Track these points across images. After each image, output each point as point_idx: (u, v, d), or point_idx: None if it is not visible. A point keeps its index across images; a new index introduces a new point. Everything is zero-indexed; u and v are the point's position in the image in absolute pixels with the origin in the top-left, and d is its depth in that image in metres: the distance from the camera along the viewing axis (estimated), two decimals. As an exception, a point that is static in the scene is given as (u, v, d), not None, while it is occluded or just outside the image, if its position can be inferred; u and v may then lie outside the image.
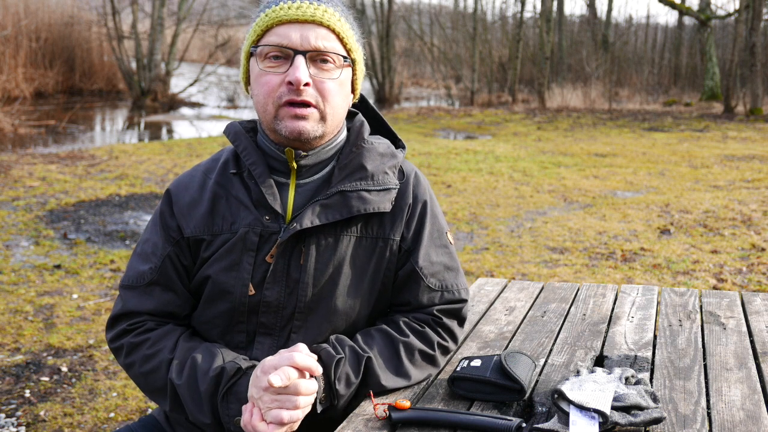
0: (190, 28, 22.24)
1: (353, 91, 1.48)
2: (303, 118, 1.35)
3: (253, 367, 1.34)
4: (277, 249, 1.39)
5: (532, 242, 5.82)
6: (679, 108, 20.50)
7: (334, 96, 1.38)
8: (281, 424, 1.24)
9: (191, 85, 20.19)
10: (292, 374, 1.24)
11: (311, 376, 1.28)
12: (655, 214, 6.89)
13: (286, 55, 1.35)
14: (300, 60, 1.34)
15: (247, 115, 17.64)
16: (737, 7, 21.31)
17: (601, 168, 9.69)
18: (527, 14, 29.65)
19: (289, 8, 1.35)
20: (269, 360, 1.28)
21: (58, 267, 4.92)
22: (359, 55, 1.45)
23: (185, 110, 18.14)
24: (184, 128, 14.75)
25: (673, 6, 22.29)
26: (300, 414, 1.25)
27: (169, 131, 14.27)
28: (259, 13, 1.40)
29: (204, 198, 1.45)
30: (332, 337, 1.41)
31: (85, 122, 14.64)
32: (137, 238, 5.74)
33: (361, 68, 1.47)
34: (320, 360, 1.33)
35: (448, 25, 27.98)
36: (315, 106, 1.36)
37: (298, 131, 1.36)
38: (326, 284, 1.42)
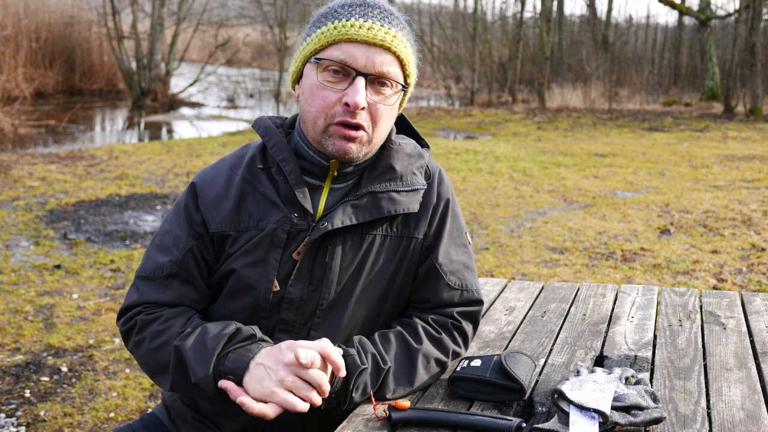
0: (190, 28, 22.24)
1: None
2: (352, 140, 1.36)
3: (265, 340, 1.34)
4: (305, 247, 1.39)
5: (532, 242, 5.82)
6: (679, 108, 20.50)
7: (384, 121, 1.39)
8: (290, 408, 1.23)
9: (191, 85, 20.19)
10: (317, 360, 1.24)
11: (331, 375, 1.28)
12: (655, 214, 6.90)
13: (346, 72, 1.34)
14: (361, 82, 1.33)
15: (248, 115, 17.64)
16: (737, 7, 21.31)
17: (601, 168, 9.69)
18: (527, 14, 29.66)
19: (360, 27, 1.33)
20: (300, 341, 1.29)
21: (58, 267, 4.92)
22: (414, 79, 1.45)
23: (185, 110, 18.14)
24: (184, 128, 14.75)
25: (673, 6, 22.29)
26: (306, 407, 1.25)
27: (169, 131, 14.27)
28: (325, 20, 1.37)
29: (230, 194, 1.44)
30: (356, 340, 1.39)
31: (85, 122, 14.64)
32: (137, 238, 5.74)
33: (411, 90, 1.47)
34: (345, 365, 1.33)
35: (448, 25, 27.98)
36: (365, 130, 1.37)
37: (344, 151, 1.37)
38: (349, 282, 1.42)
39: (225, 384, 1.27)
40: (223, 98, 21.17)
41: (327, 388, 1.26)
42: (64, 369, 3.41)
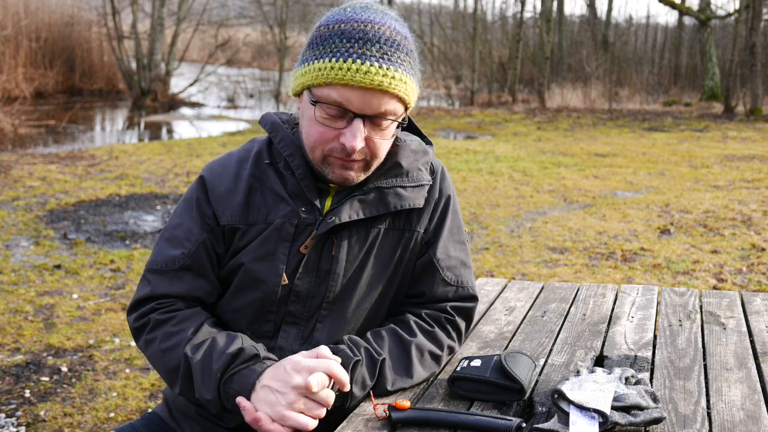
0: (190, 28, 22.24)
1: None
2: (350, 168, 1.37)
3: (270, 358, 1.34)
4: (312, 240, 1.41)
5: (532, 242, 5.82)
6: (679, 108, 20.50)
7: (383, 150, 1.40)
8: (303, 429, 1.24)
9: (191, 85, 20.19)
10: (326, 381, 1.25)
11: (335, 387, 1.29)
12: (655, 214, 6.90)
13: (343, 113, 1.32)
14: (358, 124, 1.31)
15: (248, 115, 17.64)
16: (737, 7, 21.31)
17: (601, 168, 9.69)
18: (527, 14, 29.66)
19: (357, 71, 1.27)
20: (304, 361, 1.27)
21: (58, 267, 4.92)
22: (415, 97, 1.42)
23: (185, 110, 18.14)
24: (184, 128, 14.75)
25: (673, 6, 22.29)
26: (317, 423, 1.26)
27: (169, 131, 14.27)
28: (323, 51, 1.31)
29: (239, 189, 1.46)
30: (346, 338, 1.42)
31: (85, 122, 14.64)
32: (137, 238, 5.74)
33: (413, 106, 1.45)
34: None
35: (448, 25, 27.97)
36: (363, 160, 1.38)
37: (343, 178, 1.38)
38: (354, 275, 1.45)
39: (241, 402, 1.28)
40: (223, 98, 21.16)
41: (333, 400, 1.28)
42: (64, 369, 3.41)
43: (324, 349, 1.30)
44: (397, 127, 1.41)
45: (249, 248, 1.44)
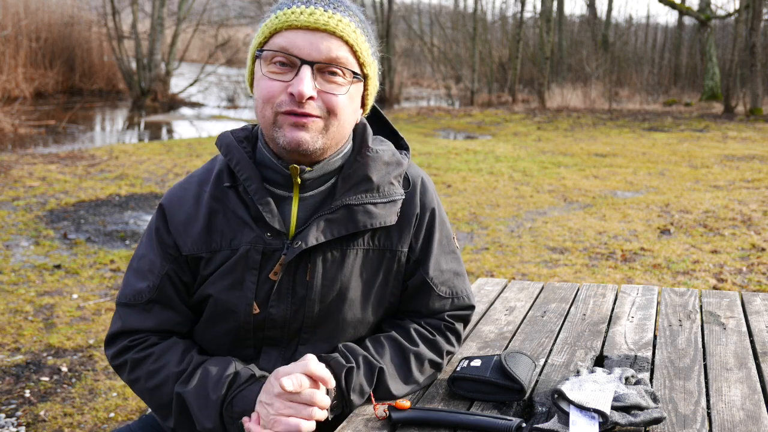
0: (190, 28, 22.24)
1: (363, 105, 1.40)
2: (303, 127, 1.28)
3: (265, 377, 1.33)
4: (281, 267, 1.35)
5: (532, 242, 5.82)
6: (679, 108, 20.50)
7: (342, 111, 1.30)
8: (295, 428, 1.22)
9: (191, 85, 20.19)
10: (304, 381, 1.23)
11: (325, 388, 1.28)
12: (655, 214, 6.90)
13: (292, 62, 1.28)
14: (306, 71, 1.26)
15: (248, 115, 17.63)
16: (737, 7, 21.31)
17: (601, 168, 9.69)
18: (527, 14, 29.66)
19: (301, 13, 1.26)
20: (283, 368, 1.27)
21: (58, 267, 4.92)
22: (373, 69, 1.37)
23: (185, 110, 18.14)
24: (184, 128, 14.75)
25: (673, 6, 22.29)
26: (313, 426, 1.25)
27: (169, 131, 14.27)
28: (270, 14, 1.32)
29: (200, 213, 1.39)
30: (341, 346, 1.39)
31: (85, 122, 14.64)
32: (137, 238, 5.74)
33: (374, 83, 1.39)
34: (330, 369, 1.32)
35: (448, 25, 27.97)
36: (319, 117, 1.29)
37: (297, 142, 1.28)
38: (334, 299, 1.39)
39: (247, 424, 1.27)
40: (223, 98, 21.16)
41: (324, 401, 1.26)
42: (64, 369, 3.41)
43: (309, 356, 1.28)
44: (346, 92, 1.31)
45: (215, 277, 1.38)
